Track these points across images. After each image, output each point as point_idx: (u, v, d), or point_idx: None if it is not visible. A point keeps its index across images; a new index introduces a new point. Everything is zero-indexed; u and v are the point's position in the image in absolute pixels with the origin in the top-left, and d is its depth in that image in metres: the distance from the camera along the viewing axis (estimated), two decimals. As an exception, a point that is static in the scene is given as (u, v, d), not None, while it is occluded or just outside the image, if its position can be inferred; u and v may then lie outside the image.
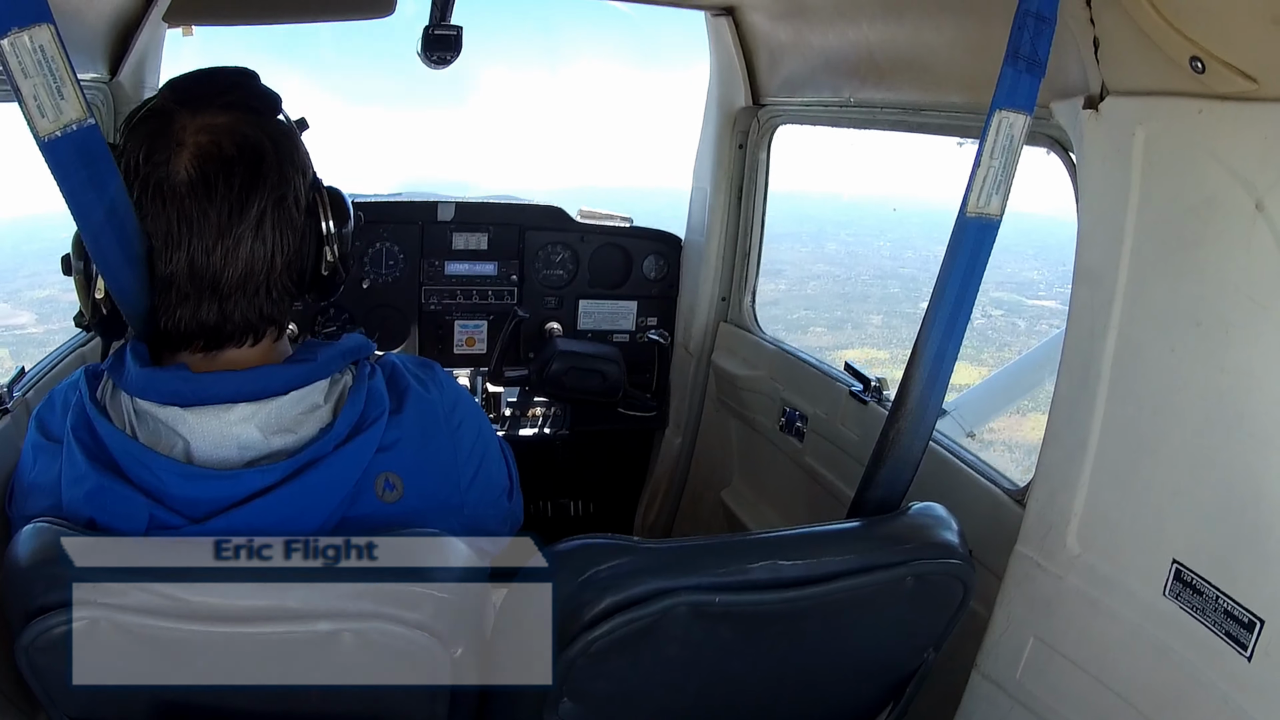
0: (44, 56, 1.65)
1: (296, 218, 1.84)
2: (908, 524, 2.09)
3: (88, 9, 2.98)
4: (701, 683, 1.99)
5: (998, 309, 18.07)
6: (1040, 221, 11.95)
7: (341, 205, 1.94)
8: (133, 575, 1.69)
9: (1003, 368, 4.93)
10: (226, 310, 1.81)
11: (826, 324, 19.54)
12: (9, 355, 14.26)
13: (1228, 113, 1.89)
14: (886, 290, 19.86)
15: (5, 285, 16.91)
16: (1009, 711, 2.41)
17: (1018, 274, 19.50)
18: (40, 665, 1.73)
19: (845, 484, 3.48)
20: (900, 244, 24.57)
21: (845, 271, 23.45)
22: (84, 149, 1.72)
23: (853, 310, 20.41)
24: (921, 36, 2.94)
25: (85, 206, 1.74)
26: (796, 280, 21.61)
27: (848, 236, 25.52)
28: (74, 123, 1.70)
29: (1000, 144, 2.08)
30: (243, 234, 1.77)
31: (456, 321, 4.59)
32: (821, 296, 21.55)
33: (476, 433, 2.11)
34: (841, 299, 21.26)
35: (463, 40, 3.73)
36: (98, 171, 1.73)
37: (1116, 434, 2.21)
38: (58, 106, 1.68)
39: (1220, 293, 1.95)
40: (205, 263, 1.77)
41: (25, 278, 17.30)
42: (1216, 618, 1.95)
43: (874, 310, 20.12)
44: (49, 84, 1.66)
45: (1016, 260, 19.88)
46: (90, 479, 1.79)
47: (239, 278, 1.79)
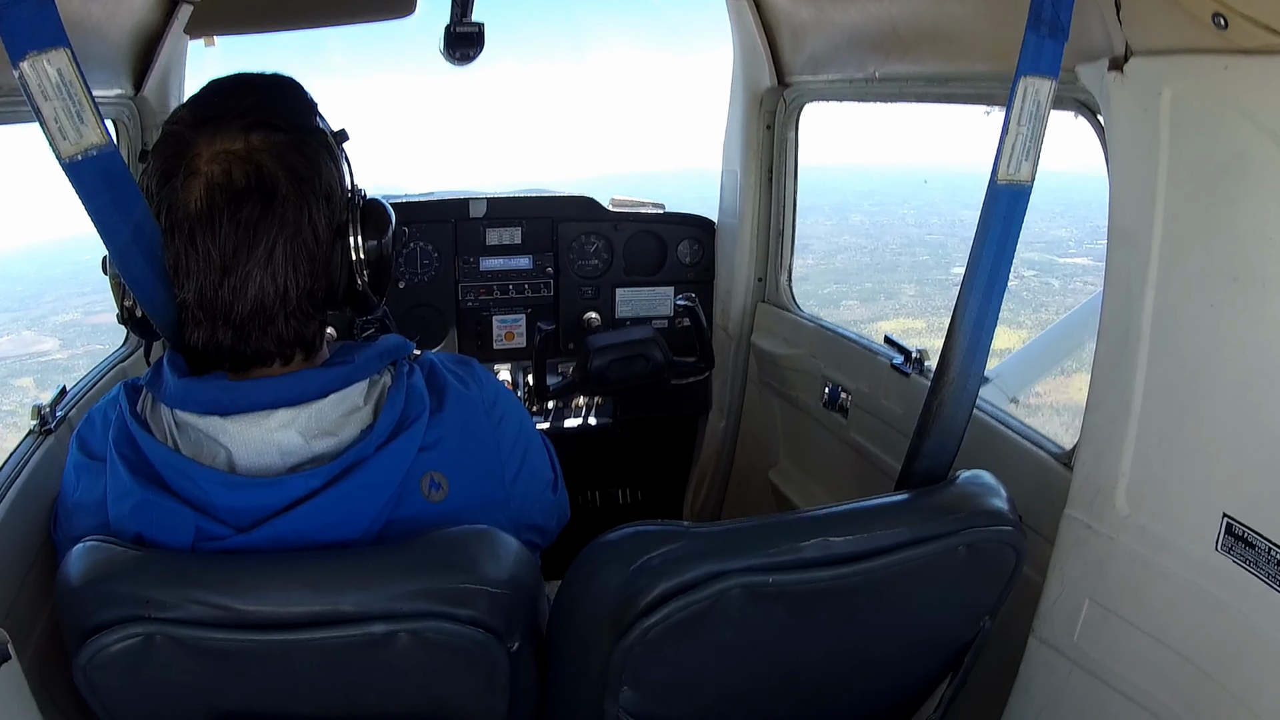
0: (62, 80, 1.67)
1: (314, 247, 1.81)
2: (956, 493, 2.09)
3: (109, 25, 3.01)
4: (758, 664, 2.00)
5: (1029, 269, 17.90)
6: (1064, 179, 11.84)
7: (378, 218, 1.91)
8: (185, 588, 1.70)
9: (1043, 331, 4.91)
10: (243, 337, 1.81)
11: (859, 296, 19.41)
12: (34, 384, 14.37)
13: (1254, 67, 1.88)
14: (916, 258, 19.72)
15: (30, 312, 17.04)
16: (1068, 675, 2.41)
17: (1046, 232, 19.31)
18: (98, 683, 1.75)
19: (892, 457, 3.48)
20: (925, 210, 24.36)
21: (872, 242, 23.28)
22: (106, 173, 1.73)
23: (884, 281, 20.26)
24: (944, 7, 2.93)
25: (111, 227, 1.76)
26: (824, 254, 21.47)
27: (871, 207, 25.32)
28: (94, 148, 1.71)
29: (1027, 110, 2.08)
30: (251, 270, 1.76)
31: (495, 317, 4.61)
32: (851, 269, 21.39)
33: (518, 427, 2.12)
34: (871, 270, 21.11)
35: (484, 36, 3.74)
36: (121, 195, 1.75)
37: (1159, 393, 2.20)
38: (78, 130, 1.70)
39: (1256, 247, 1.94)
40: (214, 295, 1.77)
41: (49, 303, 17.42)
42: (1270, 569, 1.94)
43: (905, 279, 19.96)
44: (68, 108, 1.68)
45: (1044, 219, 19.68)
46: (135, 494, 1.80)
47: (249, 311, 1.78)
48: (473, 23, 3.72)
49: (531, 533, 2.12)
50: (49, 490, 2.26)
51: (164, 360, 1.88)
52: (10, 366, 15.28)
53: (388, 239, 1.94)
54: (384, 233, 1.92)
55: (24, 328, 16.54)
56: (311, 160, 1.81)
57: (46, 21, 1.65)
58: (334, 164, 1.87)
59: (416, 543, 1.82)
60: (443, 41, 3.74)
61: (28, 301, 17.44)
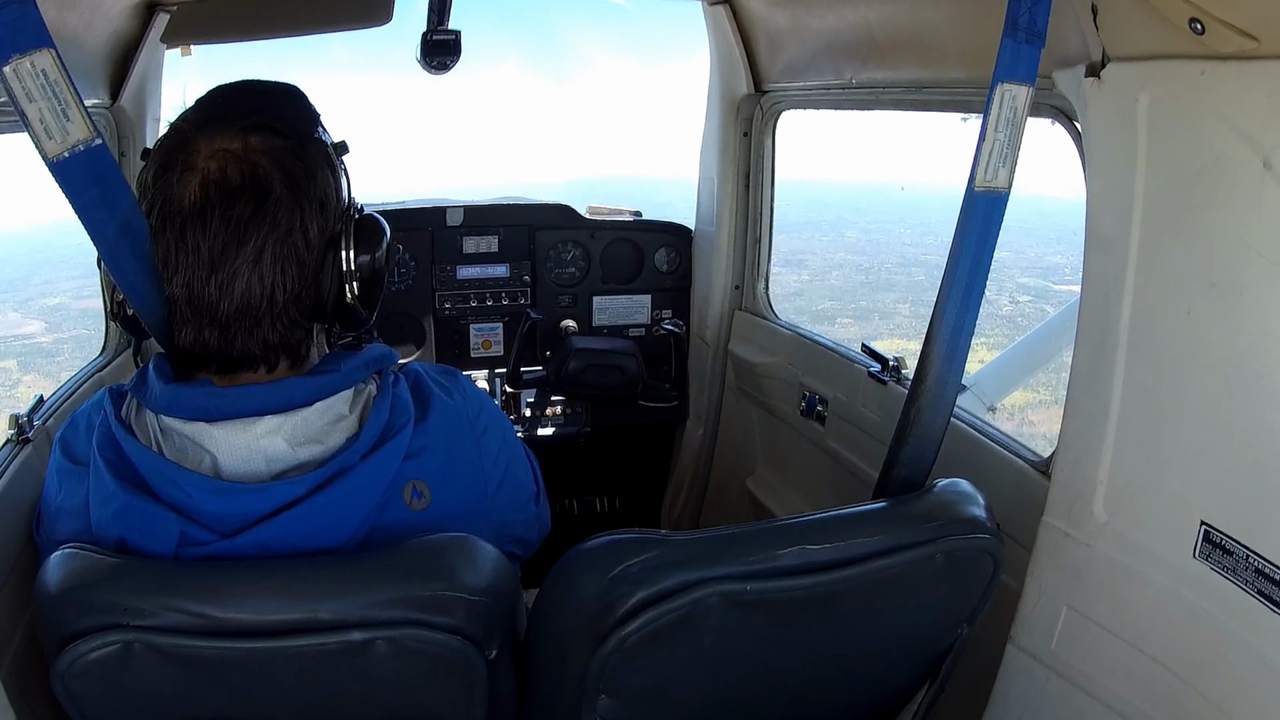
0: (47, 80, 1.67)
1: (304, 253, 1.80)
2: (934, 501, 2.08)
3: (86, 34, 2.99)
4: (738, 672, 1.99)
5: (1024, 294, 17.95)
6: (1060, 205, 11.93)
7: (373, 232, 1.91)
8: (163, 595, 1.69)
9: (1020, 339, 4.92)
10: (228, 338, 1.80)
11: (853, 314, 19.40)
12: (17, 366, 14.26)
13: (1230, 72, 1.89)
14: (911, 278, 19.75)
15: (17, 294, 16.94)
16: (1046, 682, 2.41)
17: (1041, 258, 19.38)
18: (77, 692, 1.74)
19: (869, 465, 3.48)
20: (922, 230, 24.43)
21: (867, 260, 23.27)
22: (93, 168, 1.74)
23: (878, 300, 20.27)
24: (921, 13, 2.94)
25: (98, 223, 1.76)
26: (819, 270, 21.46)
27: (867, 224, 25.36)
28: (81, 143, 1.72)
29: (1004, 117, 2.08)
30: (239, 267, 1.75)
31: (472, 325, 4.60)
32: (846, 286, 21.39)
33: (502, 438, 2.11)
34: (866, 288, 21.10)
35: (461, 44, 3.73)
36: (108, 189, 1.75)
37: (1137, 399, 2.21)
38: (64, 128, 1.70)
39: (1233, 253, 1.95)
40: (201, 291, 1.77)
41: (38, 286, 17.34)
42: (1248, 576, 1.95)
43: (900, 299, 19.97)
44: (54, 107, 1.68)
45: (1039, 244, 19.76)
46: (119, 498, 1.79)
47: (235, 310, 1.78)
48: (449, 30, 3.71)
49: (513, 544, 2.12)
50: (26, 500, 2.25)
51: (150, 366, 1.87)
52: (-6, 348, 15.20)
53: (381, 254, 1.93)
54: (377, 247, 1.91)
55: (10, 309, 16.46)
56: (308, 166, 1.81)
57: (29, 24, 1.65)
58: (331, 174, 1.87)
59: (395, 550, 1.81)
60: (419, 50, 3.73)
61: (17, 284, 17.34)
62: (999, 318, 15.98)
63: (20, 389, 13.39)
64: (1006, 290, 15.75)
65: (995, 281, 16.39)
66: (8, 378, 14.00)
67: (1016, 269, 13.58)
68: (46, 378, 13.70)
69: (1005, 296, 16.14)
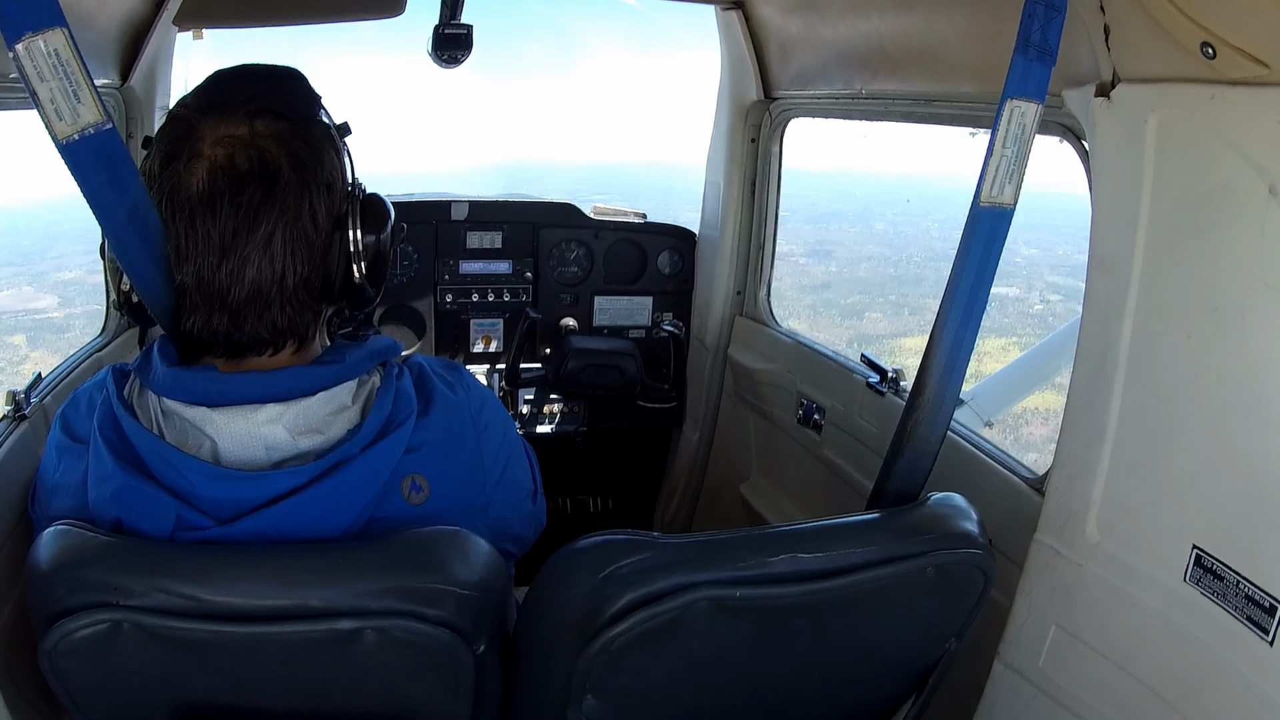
0: (59, 60, 1.65)
1: (314, 235, 1.81)
2: (927, 515, 2.08)
3: (98, 14, 2.99)
4: (724, 677, 1.99)
5: (1055, 294, 17.82)
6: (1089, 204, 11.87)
7: (378, 213, 1.91)
8: (154, 576, 1.69)
9: (1020, 356, 4.93)
10: (238, 323, 1.80)
11: (883, 309, 19.24)
12: (25, 342, 14.18)
13: (1240, 98, 1.89)
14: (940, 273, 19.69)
15: (33, 267, 16.83)
16: (1031, 700, 2.41)
17: (1070, 257, 19.23)
18: (63, 669, 1.74)
19: (864, 476, 3.48)
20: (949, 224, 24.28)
21: (896, 253, 23.05)
22: (103, 151, 1.72)
23: (908, 295, 20.09)
24: (933, 27, 2.94)
25: (107, 207, 1.75)
26: (847, 262, 21.22)
27: (895, 216, 25.17)
28: (91, 126, 1.70)
29: (1012, 133, 2.08)
30: (249, 254, 1.75)
31: (472, 320, 4.60)
32: (874, 279, 21.18)
33: (503, 435, 2.12)
34: (895, 281, 20.86)
35: (473, 39, 3.73)
36: (118, 174, 1.74)
37: (1134, 421, 2.21)
38: (75, 110, 1.68)
39: (1235, 278, 1.95)
40: (212, 278, 1.76)
41: (53, 259, 17.22)
42: (1237, 602, 1.95)
43: (930, 294, 19.78)
44: (65, 87, 1.67)
45: (1069, 242, 19.60)
46: (117, 478, 1.79)
47: (246, 295, 1.78)
48: (462, 24, 3.70)
49: (509, 541, 2.12)
50: (20, 477, 2.25)
51: (154, 347, 1.87)
52: (5, 323, 15.07)
53: (386, 233, 1.93)
54: (383, 227, 1.92)
55: (25, 283, 16.35)
56: (314, 149, 1.82)
57: (43, 1, 1.64)
58: (336, 155, 1.88)
59: (388, 541, 1.81)
60: (431, 42, 3.73)
61: (33, 257, 17.22)
62: (1030, 316, 15.81)
63: (27, 365, 13.32)
64: (1037, 289, 15.63)
65: (1025, 279, 16.07)
66: (15, 354, 13.95)
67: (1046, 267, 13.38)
68: (54, 353, 13.60)
69: (1036, 294, 16.05)
